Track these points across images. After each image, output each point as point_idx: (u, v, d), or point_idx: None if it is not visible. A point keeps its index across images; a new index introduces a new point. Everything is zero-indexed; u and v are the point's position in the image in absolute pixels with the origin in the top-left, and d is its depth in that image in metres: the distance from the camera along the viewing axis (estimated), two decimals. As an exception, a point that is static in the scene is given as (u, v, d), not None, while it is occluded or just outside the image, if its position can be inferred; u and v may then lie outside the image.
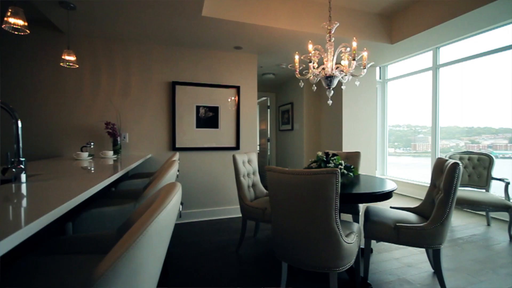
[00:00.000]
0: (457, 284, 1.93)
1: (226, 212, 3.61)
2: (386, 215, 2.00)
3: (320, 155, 2.25)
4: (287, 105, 5.48)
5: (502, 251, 2.48)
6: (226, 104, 3.60)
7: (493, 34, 3.47)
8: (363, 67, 2.29)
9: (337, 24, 2.31)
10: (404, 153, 5.17)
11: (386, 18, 3.61)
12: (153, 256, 0.77)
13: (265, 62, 4.20)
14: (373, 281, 1.97)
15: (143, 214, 0.76)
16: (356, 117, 4.41)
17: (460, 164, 1.71)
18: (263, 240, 2.78)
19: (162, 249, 0.86)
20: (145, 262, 0.69)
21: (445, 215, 1.72)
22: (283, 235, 1.62)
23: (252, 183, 2.69)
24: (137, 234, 0.65)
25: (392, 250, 2.49)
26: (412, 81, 4.77)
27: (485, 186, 3.18)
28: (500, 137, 3.77)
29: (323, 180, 1.39)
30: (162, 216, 0.76)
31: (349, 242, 1.52)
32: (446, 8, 2.96)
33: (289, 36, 3.17)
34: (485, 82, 3.79)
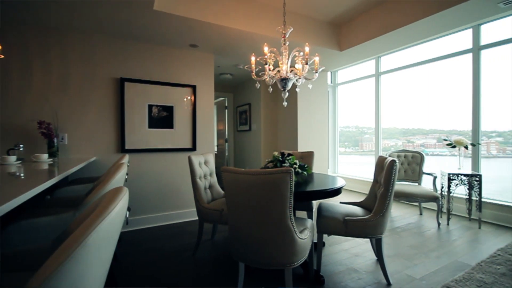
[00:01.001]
0: (396, 268, 2.16)
1: (182, 216, 3.48)
2: (336, 210, 2.14)
3: (276, 155, 2.32)
4: (244, 106, 5.52)
5: (432, 236, 2.85)
6: (181, 104, 3.47)
7: (427, 46, 3.98)
8: (315, 71, 2.42)
9: (291, 29, 2.39)
10: (353, 152, 5.60)
11: (336, 27, 3.88)
12: (95, 269, 0.70)
13: (222, 62, 4.17)
14: (325, 273, 2.09)
15: (82, 223, 0.68)
16: (310, 118, 4.64)
17: (396, 162, 1.91)
18: (221, 242, 2.75)
19: (105, 261, 0.79)
20: (84, 277, 0.63)
21: (385, 207, 1.91)
22: (239, 235, 1.62)
23: (209, 185, 2.64)
24: (74, 246, 0.59)
25: (342, 242, 2.68)
26: (359, 86, 5.21)
27: (417, 180, 3.63)
28: (430, 137, 4.33)
29: (278, 179, 1.43)
30: (104, 225, 0.69)
31: (303, 238, 1.59)
32: (385, 22, 3.30)
33: (246, 38, 3.19)
34: (419, 88, 4.32)
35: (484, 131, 3.46)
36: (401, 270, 2.14)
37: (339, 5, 3.34)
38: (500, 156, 3.48)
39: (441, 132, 4.06)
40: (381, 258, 1.97)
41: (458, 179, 3.15)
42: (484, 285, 1.86)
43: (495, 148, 3.51)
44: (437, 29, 3.26)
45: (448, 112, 3.93)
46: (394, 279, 1.99)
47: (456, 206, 3.51)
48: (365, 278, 2.02)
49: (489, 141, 3.51)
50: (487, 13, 2.87)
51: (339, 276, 2.05)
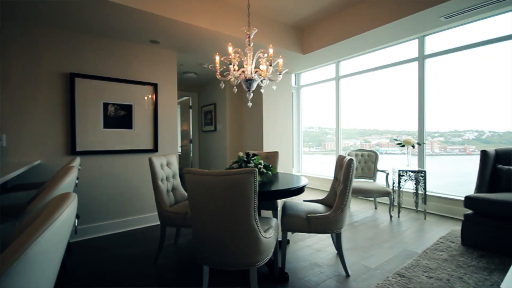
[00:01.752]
0: (354, 260, 2.30)
1: (143, 221, 3.29)
2: (299, 208, 2.21)
3: (241, 156, 2.31)
4: (210, 106, 5.44)
5: (385, 228, 3.09)
6: (141, 103, 3.29)
7: (381, 53, 4.30)
8: (279, 73, 2.47)
9: (255, 30, 2.41)
10: (317, 152, 5.84)
11: (299, 30, 4.02)
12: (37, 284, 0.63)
13: (185, 60, 4.05)
14: (290, 269, 2.14)
15: (22, 233, 0.61)
16: (275, 119, 4.74)
17: (354, 160, 2.04)
18: (185, 246, 2.67)
19: (50, 275, 0.71)
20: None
21: (344, 204, 2.02)
22: (203, 238, 1.58)
23: (172, 187, 2.54)
24: (12, 259, 0.52)
25: (305, 239, 2.78)
26: (322, 88, 5.46)
27: (373, 177, 3.91)
28: (384, 137, 4.70)
29: (242, 180, 1.43)
30: (48, 234, 0.63)
31: (267, 237, 1.61)
32: (344, 29, 3.50)
33: (210, 36, 3.14)
34: (375, 92, 4.66)
35: (428, 131, 3.86)
36: (359, 261, 2.28)
37: (302, 10, 3.46)
38: (442, 154, 3.90)
39: (393, 133, 4.43)
40: (341, 251, 2.09)
41: (407, 175, 3.47)
42: (429, 270, 2.07)
43: (437, 147, 3.93)
44: (389, 38, 3.56)
45: (399, 114, 4.30)
46: (352, 270, 2.11)
47: (406, 200, 3.86)
48: (326, 272, 2.11)
49: (433, 141, 3.92)
50: (430, 25, 3.20)
51: (303, 272, 2.12)
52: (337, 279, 2.01)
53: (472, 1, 2.58)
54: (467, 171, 2.99)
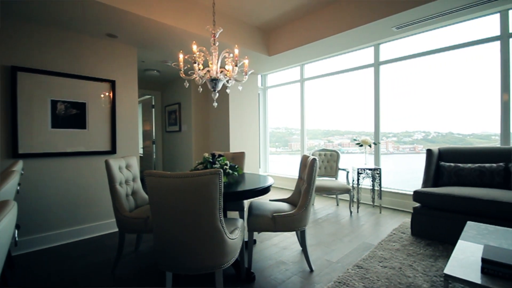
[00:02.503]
0: (318, 255, 2.39)
1: (100, 229, 3.05)
2: (265, 208, 2.23)
3: (207, 157, 2.27)
4: (174, 105, 5.25)
5: (345, 224, 3.26)
6: (97, 101, 3.06)
7: (342, 58, 4.55)
8: (245, 74, 2.48)
9: (221, 29, 2.38)
10: (283, 152, 5.96)
11: (265, 32, 4.07)
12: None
13: (147, 57, 3.86)
14: (256, 269, 2.15)
15: None
16: (241, 119, 4.73)
17: (317, 160, 2.12)
18: (147, 252, 2.53)
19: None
20: None
21: (308, 202, 2.09)
22: (166, 243, 1.52)
23: (132, 191, 2.39)
24: None
25: (272, 238, 2.82)
26: (288, 90, 5.59)
27: (334, 175, 4.11)
28: (345, 137, 4.96)
29: (206, 181, 1.40)
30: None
31: (233, 238, 1.60)
32: (307, 34, 3.63)
33: (173, 33, 3.03)
34: (336, 94, 4.90)
35: (383, 132, 4.18)
36: (322, 256, 2.38)
37: (267, 13, 3.51)
38: (395, 152, 4.25)
39: (354, 133, 4.71)
40: (305, 248, 2.15)
41: (365, 172, 3.71)
42: (384, 260, 2.23)
43: (391, 146, 4.26)
44: (348, 44, 3.78)
45: (358, 116, 4.58)
46: (316, 265, 2.19)
47: (364, 196, 4.12)
48: (291, 269, 2.16)
49: (388, 141, 4.25)
50: (384, 34, 3.47)
51: (269, 270, 2.14)
52: (301, 275, 2.07)
53: (418, 14, 2.85)
54: (416, 168, 3.29)
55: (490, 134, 3.33)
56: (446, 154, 3.13)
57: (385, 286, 1.84)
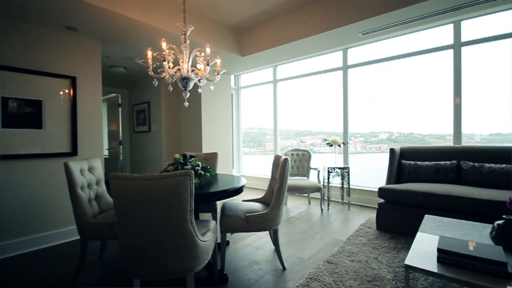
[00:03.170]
0: (290, 253, 2.43)
1: (59, 237, 2.82)
2: (238, 208, 2.22)
3: (178, 158, 2.20)
4: (143, 104, 5.02)
5: (317, 221, 3.36)
6: (55, 98, 2.82)
7: (314, 60, 4.68)
8: (217, 73, 2.45)
9: (192, 27, 2.33)
10: (257, 152, 5.98)
11: (238, 33, 4.06)
12: None
13: (113, 52, 3.65)
14: (230, 270, 2.13)
15: None
16: (214, 119, 4.67)
17: (289, 160, 2.15)
18: (113, 260, 2.39)
19: None
20: None
21: (280, 201, 2.11)
22: (133, 249, 1.44)
23: (95, 195, 2.24)
24: None
25: (245, 238, 2.81)
26: (261, 90, 5.62)
27: (306, 174, 4.22)
28: (317, 137, 5.11)
29: (177, 183, 1.35)
30: None
31: (205, 240, 1.57)
32: (279, 35, 3.69)
33: (141, 29, 2.90)
34: (308, 96, 5.03)
35: (352, 132, 4.38)
36: (294, 254, 2.42)
37: (239, 13, 3.50)
38: (363, 152, 4.47)
39: (325, 133, 4.86)
40: (278, 247, 2.18)
41: (335, 171, 3.86)
42: (352, 255, 2.33)
43: (359, 146, 4.48)
44: (319, 47, 3.90)
45: (329, 117, 4.74)
46: (288, 263, 2.23)
47: (334, 194, 4.28)
48: (264, 268, 2.17)
49: (356, 141, 4.46)
50: (351, 39, 3.63)
51: (242, 271, 2.13)
52: (274, 273, 2.09)
53: (382, 22, 3.02)
54: (382, 166, 3.49)
55: (445, 134, 3.63)
56: (407, 153, 3.36)
57: (353, 279, 1.93)
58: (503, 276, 1.25)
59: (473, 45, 3.25)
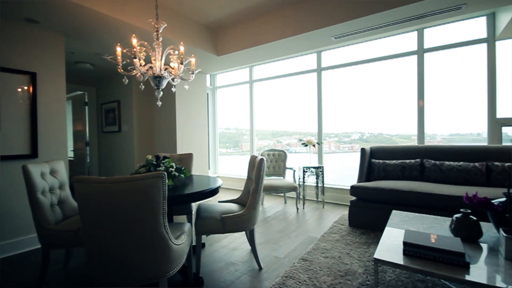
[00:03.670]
0: (266, 253, 2.44)
1: (19, 246, 2.58)
2: (214, 210, 2.19)
3: (150, 159, 2.12)
4: (112, 103, 4.77)
5: (292, 220, 3.42)
6: (12, 96, 2.59)
7: (290, 61, 4.75)
8: (192, 72, 2.39)
9: (164, 24, 2.26)
10: (234, 153, 5.95)
11: (213, 32, 4.00)
12: None
13: (78, 47, 3.43)
14: (205, 273, 2.09)
15: None
16: (189, 119, 4.57)
17: (264, 160, 2.16)
18: (79, 269, 2.24)
19: None
20: None
21: (256, 201, 2.12)
22: (101, 256, 1.36)
23: (58, 200, 2.08)
24: None
25: (221, 240, 2.78)
26: (238, 90, 5.60)
27: (282, 174, 4.28)
28: (293, 137, 5.19)
29: (148, 185, 1.30)
30: None
31: (179, 243, 1.52)
32: (255, 36, 3.70)
33: (109, 23, 2.76)
34: (284, 97, 5.10)
35: (326, 133, 4.51)
36: (270, 253, 2.44)
37: (215, 12, 3.46)
38: (337, 151, 4.62)
39: (301, 134, 4.96)
40: (254, 247, 2.18)
41: (309, 171, 3.95)
42: (326, 251, 2.40)
43: (333, 146, 4.63)
44: (294, 49, 3.97)
45: (304, 118, 4.84)
46: (264, 263, 2.24)
47: (309, 193, 4.39)
48: (241, 269, 2.16)
49: (330, 141, 4.60)
50: (324, 43, 3.75)
51: (218, 273, 2.11)
52: (251, 273, 2.09)
53: (353, 27, 3.15)
54: (354, 165, 3.63)
55: (410, 134, 3.87)
56: (376, 152, 3.53)
57: (327, 275, 1.99)
58: (461, 265, 1.35)
59: (435, 51, 3.50)
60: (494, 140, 3.18)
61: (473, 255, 1.48)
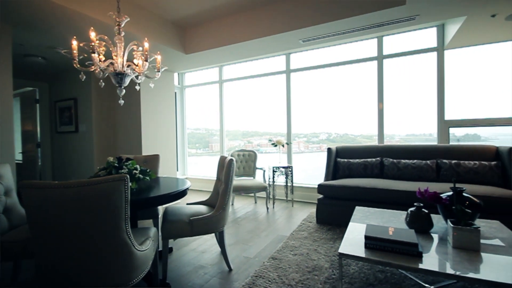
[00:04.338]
0: (236, 254, 2.43)
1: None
2: (182, 212, 2.12)
3: (111, 161, 1.99)
4: (68, 101, 4.40)
5: (263, 219, 3.44)
6: None
7: (262, 62, 4.77)
8: (157, 70, 2.30)
9: (127, 18, 2.14)
10: (204, 153, 5.83)
11: (181, 29, 3.89)
12: None
13: (28, 39, 3.11)
14: (173, 278, 2.02)
15: None
16: (156, 119, 4.38)
17: (234, 160, 2.15)
18: (29, 283, 2.02)
19: None
20: None
21: (225, 202, 2.09)
22: (56, 268, 1.24)
23: (3, 208, 1.86)
24: None
25: (190, 243, 2.71)
26: (208, 90, 5.50)
27: (252, 174, 4.29)
28: (264, 138, 5.23)
29: (109, 189, 1.22)
30: None
31: (143, 249, 1.45)
32: (225, 36, 3.67)
33: (64, 15, 2.54)
34: (254, 97, 5.11)
35: (295, 133, 4.62)
36: (240, 254, 2.43)
37: (183, 8, 3.36)
38: (306, 151, 4.76)
39: (271, 134, 5.02)
40: (224, 248, 2.16)
41: (279, 170, 4.02)
42: (294, 249, 2.45)
43: (302, 146, 4.76)
44: (263, 51, 4.01)
45: (275, 118, 4.90)
46: (234, 264, 2.23)
47: (279, 192, 4.46)
48: (210, 272, 2.13)
49: (299, 141, 4.72)
50: (293, 45, 3.84)
51: (187, 277, 2.05)
52: (220, 276, 2.06)
53: (319, 31, 3.27)
54: (322, 164, 3.76)
55: (372, 135, 4.13)
56: (341, 152, 3.71)
57: (295, 272, 2.03)
58: (415, 255, 1.47)
59: (393, 58, 3.78)
60: (442, 140, 3.52)
61: (425, 245, 1.61)
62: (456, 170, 2.89)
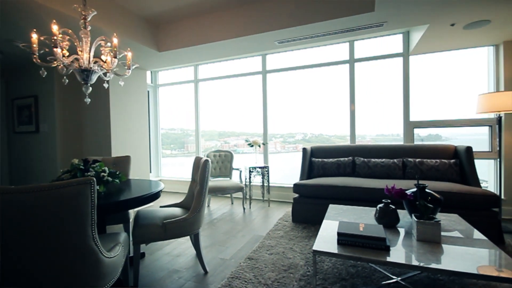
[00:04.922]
0: (212, 256, 2.39)
1: None
2: (155, 216, 2.04)
3: (76, 163, 1.87)
4: (28, 99, 4.06)
5: (239, 220, 3.43)
6: None
7: (239, 62, 4.75)
8: (128, 68, 2.20)
9: (94, 12, 2.02)
10: (179, 154, 5.67)
11: (154, 25, 3.75)
12: None
13: (-21, 31, 2.82)
14: (145, 285, 1.94)
15: None
16: (127, 119, 4.19)
17: (209, 161, 2.12)
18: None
19: None
20: None
21: (201, 204, 2.05)
22: (18, 277, 1.13)
23: None
24: None
25: (164, 247, 2.62)
26: (183, 89, 5.36)
27: (229, 175, 4.26)
28: (241, 138, 5.21)
29: (72, 193, 1.14)
30: None
31: (112, 256, 1.37)
32: (200, 34, 3.60)
33: (23, 5, 2.34)
34: (231, 97, 5.07)
35: (272, 133, 4.66)
36: (216, 256, 2.40)
37: (157, 4, 3.25)
38: (282, 151, 4.81)
39: (248, 134, 5.01)
40: (199, 251, 2.11)
41: (255, 170, 4.03)
42: (271, 248, 2.47)
43: (279, 146, 4.81)
44: (240, 51, 3.99)
45: (251, 118, 4.90)
46: (210, 266, 2.19)
47: (255, 192, 4.47)
48: (185, 276, 2.07)
49: (276, 141, 4.76)
50: (269, 46, 3.87)
51: (160, 283, 1.97)
52: (195, 279, 2.02)
53: (293, 34, 3.32)
54: (298, 164, 3.82)
55: (345, 135, 4.28)
56: (316, 152, 3.81)
57: (271, 271, 2.05)
58: (383, 249, 1.55)
59: (363, 61, 3.95)
60: (408, 140, 3.75)
61: (392, 239, 1.70)
62: (420, 168, 3.09)
